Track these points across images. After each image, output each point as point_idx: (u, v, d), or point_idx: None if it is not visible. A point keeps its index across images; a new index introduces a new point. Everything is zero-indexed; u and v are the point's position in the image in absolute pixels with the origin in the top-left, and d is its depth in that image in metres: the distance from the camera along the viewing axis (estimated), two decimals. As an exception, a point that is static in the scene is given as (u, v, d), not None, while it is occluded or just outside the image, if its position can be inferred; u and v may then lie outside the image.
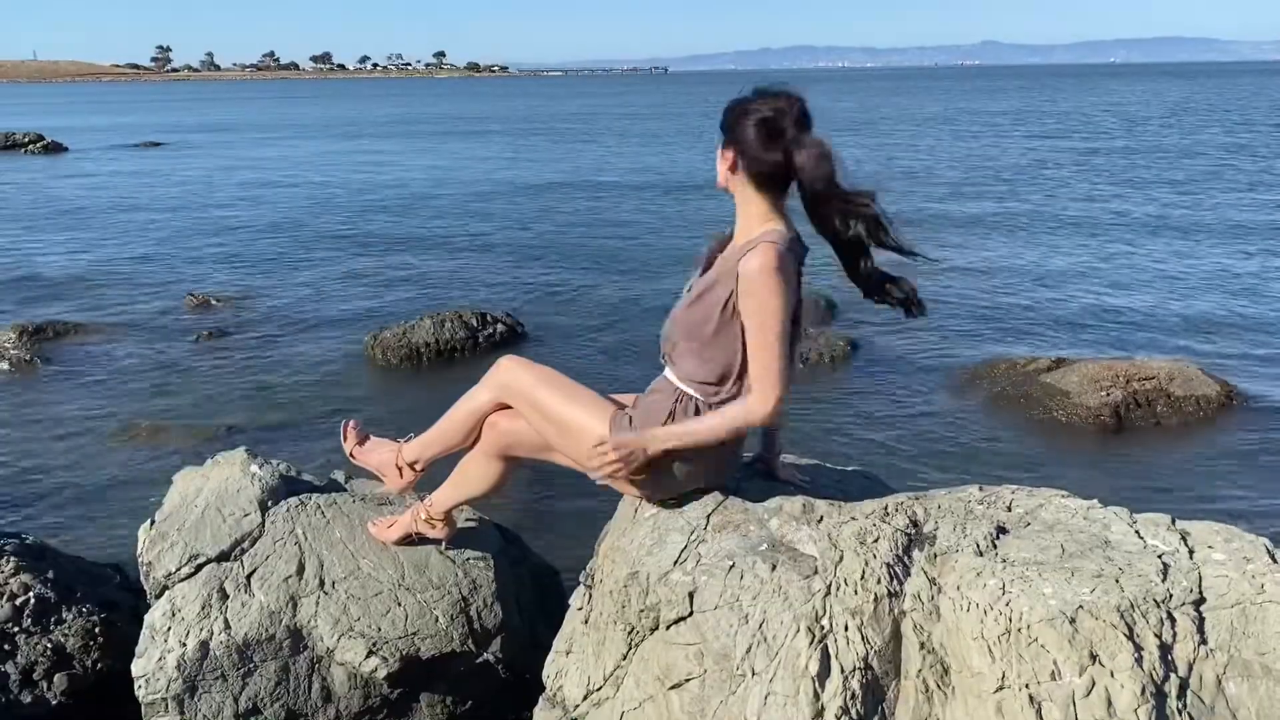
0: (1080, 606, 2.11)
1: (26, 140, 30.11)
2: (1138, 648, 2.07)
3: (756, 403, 2.51)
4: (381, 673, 3.05)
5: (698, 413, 2.62)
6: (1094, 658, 2.06)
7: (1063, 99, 56.96)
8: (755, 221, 2.55)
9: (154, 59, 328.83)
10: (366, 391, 7.25)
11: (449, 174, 22.85)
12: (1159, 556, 2.29)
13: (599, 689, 2.57)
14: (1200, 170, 20.32)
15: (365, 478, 3.66)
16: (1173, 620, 2.13)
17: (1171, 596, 2.16)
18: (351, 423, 3.30)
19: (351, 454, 3.26)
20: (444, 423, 3.01)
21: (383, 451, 3.19)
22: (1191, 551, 2.33)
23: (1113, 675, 2.04)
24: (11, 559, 3.51)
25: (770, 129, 2.46)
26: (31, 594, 3.41)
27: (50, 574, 3.53)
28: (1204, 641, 2.11)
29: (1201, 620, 2.14)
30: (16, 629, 3.32)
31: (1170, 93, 61.86)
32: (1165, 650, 2.08)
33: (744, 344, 2.54)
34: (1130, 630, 2.09)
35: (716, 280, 2.55)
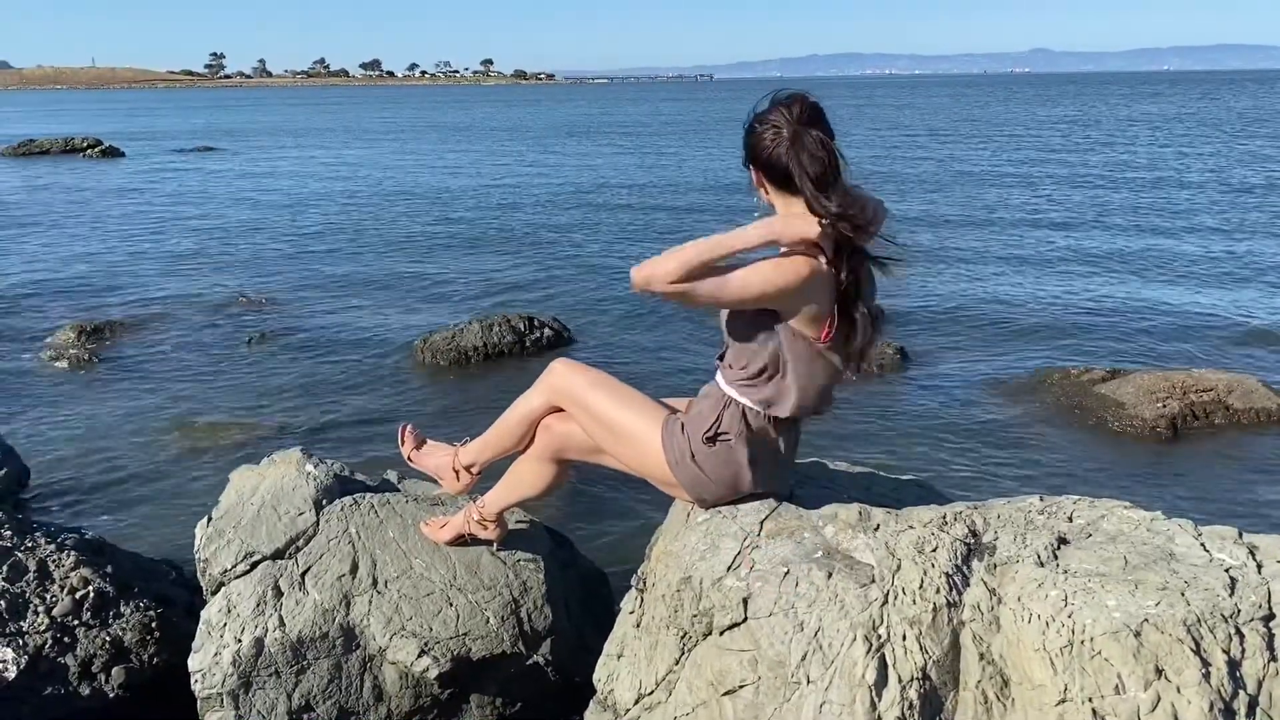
0: (1145, 620, 2.07)
1: (85, 145, 30.75)
2: (1205, 663, 2.02)
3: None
4: (433, 672, 3.07)
5: (745, 418, 2.61)
6: (1159, 672, 2.02)
7: (1115, 109, 56.14)
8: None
9: (208, 66, 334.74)
10: (416, 393, 7.30)
11: (498, 178, 23.00)
12: (1226, 570, 2.24)
13: (651, 693, 2.56)
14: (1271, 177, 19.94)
15: (418, 478, 3.68)
16: (1241, 636, 2.07)
17: (1240, 611, 2.11)
18: (409, 426, 3.33)
19: (409, 457, 3.29)
20: (498, 426, 3.02)
21: (440, 455, 3.22)
22: (1260, 566, 2.27)
23: (1179, 691, 1.99)
24: (72, 554, 3.57)
25: (776, 134, 2.44)
26: (91, 588, 3.47)
27: (109, 569, 3.59)
28: (1274, 658, 2.06)
29: (1271, 636, 2.08)
30: (76, 622, 3.38)
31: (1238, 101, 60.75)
32: (1234, 666, 2.03)
33: (772, 340, 2.54)
34: (1197, 645, 2.04)
35: None
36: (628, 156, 29.32)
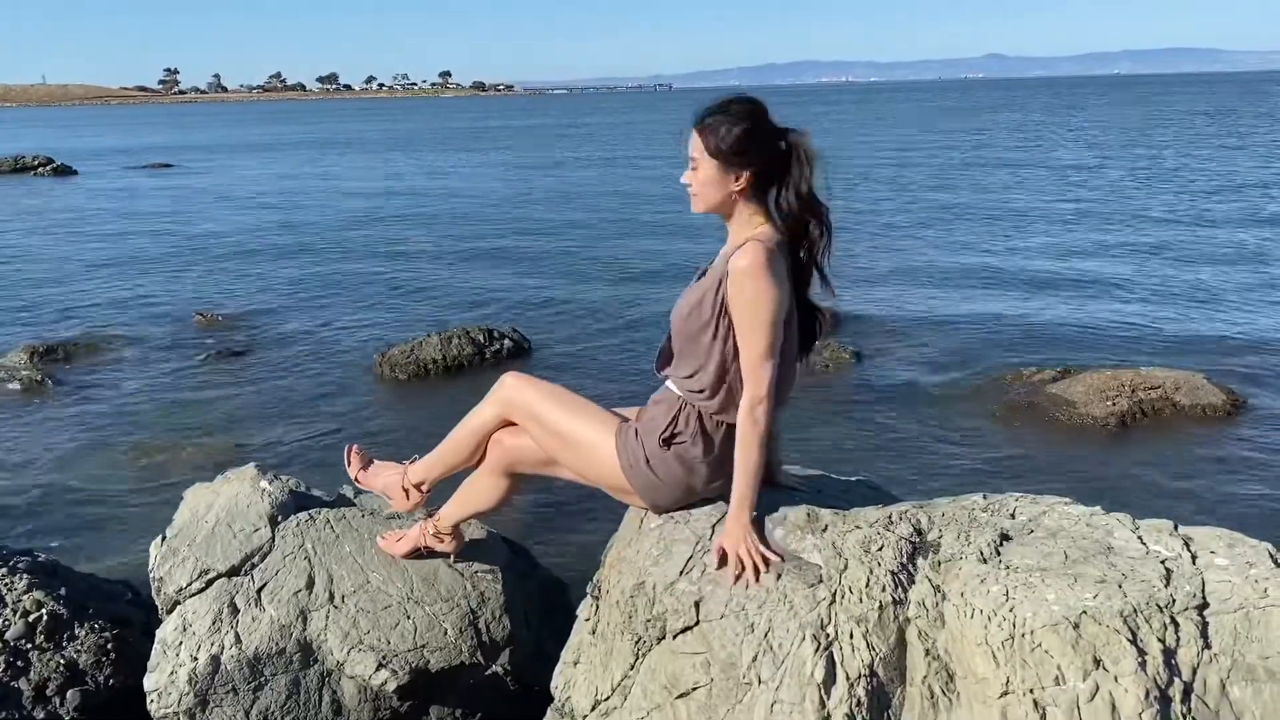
0: (1084, 612, 2.13)
1: (36, 163, 30.27)
2: (1141, 652, 2.08)
3: (745, 404, 2.54)
4: (391, 685, 3.07)
5: (700, 420, 2.64)
6: (1098, 663, 2.07)
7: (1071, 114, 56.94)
8: (747, 227, 2.60)
9: (162, 81, 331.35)
10: (375, 408, 7.28)
11: (454, 190, 22.95)
12: (1162, 562, 2.31)
13: (607, 699, 2.59)
14: (1213, 180, 20.34)
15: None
16: (1176, 625, 2.14)
17: (1175, 601, 2.17)
18: (354, 447, 3.33)
19: (356, 478, 3.28)
20: (449, 442, 3.02)
21: (388, 474, 3.21)
22: (1194, 557, 2.34)
23: (1116, 680, 2.05)
24: (24, 576, 3.54)
25: (768, 129, 2.56)
26: (44, 611, 3.44)
27: (62, 591, 3.56)
28: (1207, 646, 2.12)
29: (1205, 625, 2.15)
30: (29, 645, 3.35)
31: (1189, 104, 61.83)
32: (1169, 655, 2.10)
33: (727, 345, 2.57)
34: (1134, 635, 2.10)
35: (709, 286, 2.59)
36: (591, 166, 29.35)
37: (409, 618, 3.16)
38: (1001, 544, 2.42)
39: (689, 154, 2.61)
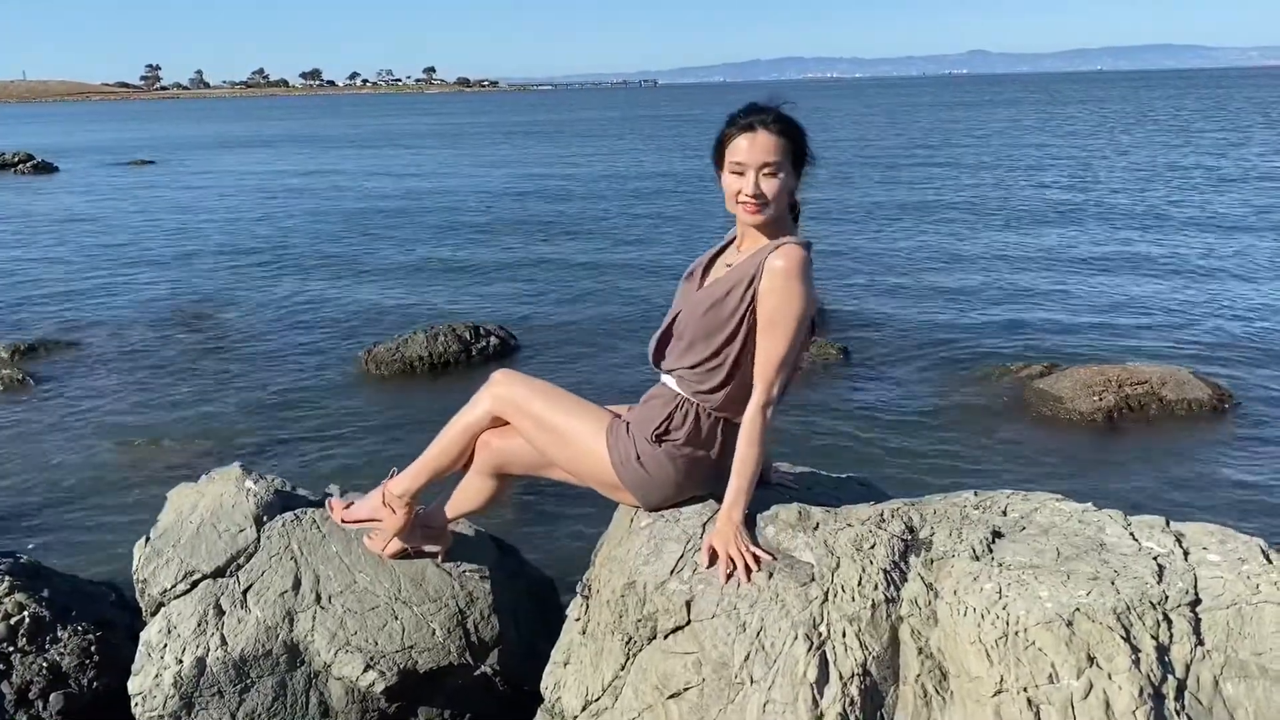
0: (1077, 609, 2.12)
1: (16, 160, 30.03)
2: (1135, 649, 2.07)
3: (755, 404, 2.53)
4: (379, 686, 3.04)
5: (696, 418, 2.62)
6: (1091, 660, 2.07)
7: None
8: (777, 230, 2.57)
9: (143, 77, 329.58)
10: (360, 406, 7.23)
11: (438, 186, 22.85)
12: (1154, 558, 2.30)
13: (597, 699, 2.56)
14: (1203, 174, 20.43)
15: (361, 493, 3.65)
16: (1169, 622, 2.13)
17: (1167, 598, 2.17)
18: (331, 500, 3.35)
19: (342, 520, 3.25)
20: (436, 445, 2.95)
21: (369, 500, 3.18)
22: (1186, 553, 2.33)
23: (1110, 677, 2.04)
24: (6, 578, 3.49)
25: None
26: (26, 613, 3.40)
27: (45, 593, 3.52)
28: (1201, 643, 2.11)
29: (1198, 621, 2.14)
30: (11, 648, 3.31)
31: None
32: (1162, 652, 2.09)
33: (746, 343, 2.55)
34: (1127, 632, 2.09)
35: (736, 283, 2.54)
36: (578, 162, 29.30)
37: (396, 618, 3.13)
38: (994, 541, 2.41)
39: (766, 159, 2.47)
